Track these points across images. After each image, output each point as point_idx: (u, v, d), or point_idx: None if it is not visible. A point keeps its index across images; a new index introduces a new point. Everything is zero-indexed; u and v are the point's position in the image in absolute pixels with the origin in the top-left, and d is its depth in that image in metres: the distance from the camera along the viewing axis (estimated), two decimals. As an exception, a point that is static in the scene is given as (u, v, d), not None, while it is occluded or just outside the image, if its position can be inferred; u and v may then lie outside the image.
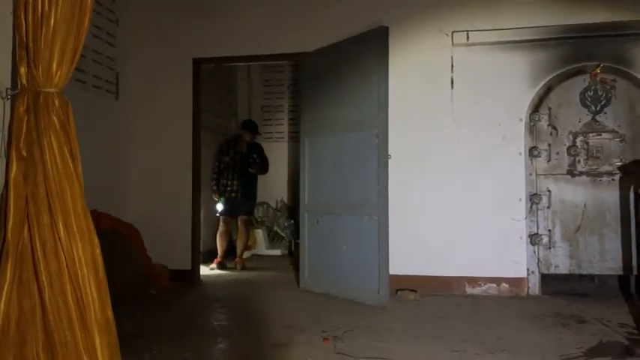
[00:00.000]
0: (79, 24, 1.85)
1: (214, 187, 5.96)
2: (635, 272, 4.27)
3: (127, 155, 5.09)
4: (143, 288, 4.43)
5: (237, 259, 5.91)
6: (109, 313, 1.81)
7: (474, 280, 4.46)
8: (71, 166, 1.75)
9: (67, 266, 1.71)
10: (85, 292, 1.73)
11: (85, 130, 1.96)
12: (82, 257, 1.74)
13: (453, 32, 4.54)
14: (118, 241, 4.35)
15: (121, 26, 4.96)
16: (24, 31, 1.78)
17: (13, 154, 1.73)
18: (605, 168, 4.37)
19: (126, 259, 4.37)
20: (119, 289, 3.48)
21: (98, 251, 1.82)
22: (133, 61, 5.09)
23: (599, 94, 4.35)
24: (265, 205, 7.16)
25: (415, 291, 4.34)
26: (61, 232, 1.70)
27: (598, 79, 4.32)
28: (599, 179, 4.42)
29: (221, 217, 5.96)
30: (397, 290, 4.33)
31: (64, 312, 1.67)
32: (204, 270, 5.47)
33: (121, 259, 4.25)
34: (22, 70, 1.78)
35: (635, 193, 4.16)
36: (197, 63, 5.09)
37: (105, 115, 4.75)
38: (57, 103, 1.77)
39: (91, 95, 4.52)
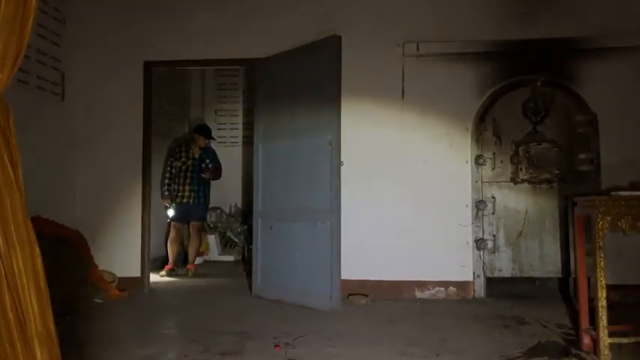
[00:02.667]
0: (22, 27, 1.78)
1: (166, 193, 5.85)
2: (572, 275, 4.51)
3: (74, 159, 4.92)
4: (88, 296, 4.29)
5: (188, 266, 5.83)
6: (51, 324, 1.75)
7: (423, 284, 4.59)
8: (11, 174, 1.68)
9: (5, 277, 1.64)
10: (25, 304, 1.66)
11: (29, 132, 1.91)
12: (22, 268, 1.67)
13: (404, 43, 4.66)
14: (61, 248, 4.19)
15: (67, 25, 4.81)
16: (-38, 32, 1.71)
17: (-52, 160, 1.65)
18: (545, 176, 4.60)
19: (70, 266, 4.22)
20: (62, 298, 3.38)
21: (39, 261, 1.76)
22: (80, 62, 4.93)
23: (539, 105, 4.59)
24: (219, 211, 7.09)
25: (367, 295, 4.42)
26: (0, 243, 1.64)
27: (538, 92, 4.55)
28: (539, 187, 4.65)
29: (172, 223, 5.86)
30: (349, 295, 4.39)
31: (3, 325, 1.60)
32: (155, 277, 5.36)
33: (65, 266, 4.09)
34: (-41, 73, 1.70)
35: (570, 200, 4.40)
36: (148, 66, 5.00)
37: (50, 117, 4.59)
38: (-3, 108, 1.71)
39: (34, 96, 4.35)
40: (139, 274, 4.88)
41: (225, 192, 7.05)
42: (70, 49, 4.82)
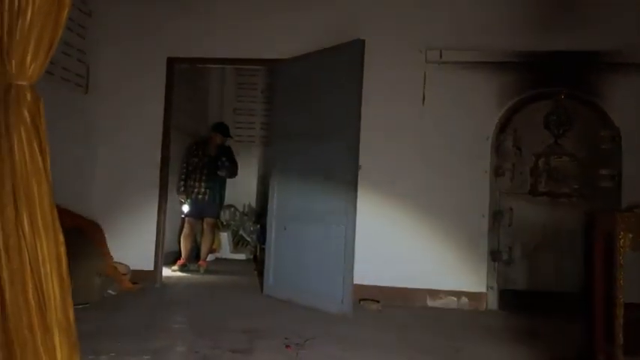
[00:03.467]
0: (57, 18, 1.81)
1: (182, 189, 5.89)
2: (589, 291, 4.43)
3: (94, 150, 4.98)
4: (102, 287, 4.33)
5: (200, 262, 5.85)
6: (71, 312, 1.77)
7: (435, 293, 4.55)
8: (40, 161, 1.71)
9: (30, 263, 1.67)
10: (47, 291, 1.69)
11: (51, 123, 1.92)
12: (47, 254, 1.70)
13: (426, 49, 4.64)
14: (78, 238, 4.23)
15: (93, 18, 4.86)
16: (-1, 21, 1.74)
17: (-21, 146, 1.68)
18: (564, 190, 4.54)
19: (85, 256, 4.25)
20: (77, 288, 3.41)
21: (63, 249, 1.79)
22: (105, 55, 4.99)
23: (562, 118, 4.54)
24: (232, 209, 7.11)
25: (378, 301, 4.40)
26: (26, 228, 1.66)
27: (561, 104, 4.50)
28: (557, 200, 4.59)
29: (186, 219, 5.89)
30: (360, 300, 4.37)
31: (24, 310, 1.63)
32: (167, 271, 5.39)
33: (80, 256, 4.12)
34: (-6, 61, 1.73)
35: (588, 216, 4.34)
36: (171, 62, 5.04)
37: (73, 108, 4.64)
38: (29, 96, 1.74)
39: (59, 87, 4.40)
40: (152, 268, 4.92)
41: (240, 190, 7.06)
42: (95, 43, 4.88)
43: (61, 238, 1.78)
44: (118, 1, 5.03)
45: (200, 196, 5.83)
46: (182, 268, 5.69)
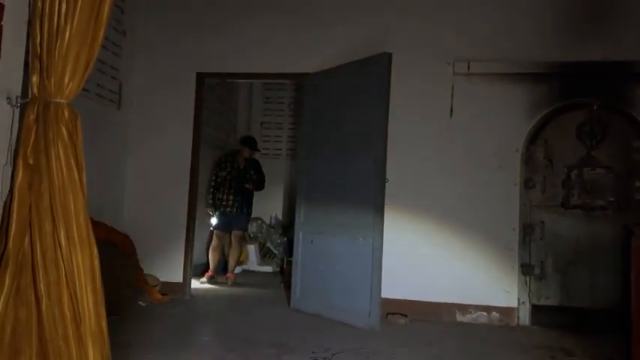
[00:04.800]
0: (94, 38, 1.88)
1: (210, 202, 5.97)
2: (624, 306, 4.29)
3: (126, 165, 5.10)
4: (133, 299, 4.40)
5: (228, 274, 5.89)
6: (104, 323, 1.81)
7: (464, 308, 4.47)
8: (76, 176, 1.77)
9: (65, 275, 1.71)
10: (81, 302, 1.73)
11: (86, 138, 1.98)
12: (82, 267, 1.75)
13: (454, 61, 4.62)
14: (110, 250, 4.32)
15: (127, 37, 5.02)
16: (38, 41, 1.81)
17: (20, 162, 1.75)
18: (599, 202, 4.42)
19: (117, 268, 4.33)
20: (109, 299, 3.48)
21: (97, 262, 1.83)
22: (137, 72, 5.13)
23: (595, 129, 4.43)
24: (259, 221, 7.16)
25: (406, 315, 4.34)
26: (62, 242, 1.71)
27: (594, 115, 4.40)
28: (591, 213, 4.47)
29: (215, 232, 5.95)
30: (388, 314, 4.33)
31: (59, 321, 1.67)
32: (195, 283, 5.45)
33: (113, 268, 4.21)
34: (34, 79, 1.81)
35: (626, 229, 4.20)
36: (200, 77, 5.14)
37: (106, 124, 4.78)
38: (66, 114, 1.80)
39: (93, 104, 4.54)
40: (180, 280, 4.98)
41: (267, 203, 7.11)
42: (128, 60, 5.03)
43: (96, 251, 1.83)
44: (150, 20, 5.18)
45: (228, 209, 5.90)
46: (210, 280, 5.76)
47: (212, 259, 5.88)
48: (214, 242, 5.92)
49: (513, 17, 4.61)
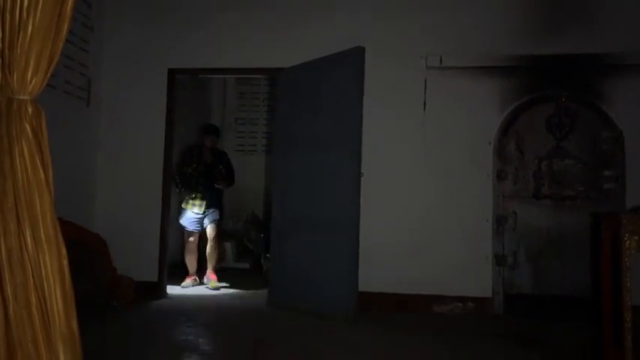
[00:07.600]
0: (57, 32, 1.82)
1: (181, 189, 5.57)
2: (596, 295, 4.40)
3: (96, 163, 4.99)
4: (106, 300, 4.32)
5: (210, 276, 5.54)
6: (75, 325, 1.77)
7: (440, 299, 4.53)
8: (42, 175, 1.72)
9: (33, 277, 1.66)
10: (50, 304, 1.69)
11: (54, 136, 1.93)
12: (50, 268, 1.70)
13: (427, 55, 4.65)
14: (81, 250, 4.22)
15: (95, 32, 4.89)
16: (0, 36, 1.75)
17: (-18, 160, 1.68)
18: (568, 192, 4.52)
19: (89, 269, 4.25)
20: (81, 301, 3.40)
21: (65, 262, 1.79)
22: (106, 68, 5.01)
23: (564, 121, 4.53)
24: (235, 219, 7.10)
25: (383, 308, 4.37)
26: (29, 242, 1.66)
27: (562, 107, 4.50)
28: (561, 203, 4.57)
29: (186, 233, 5.55)
30: (365, 307, 4.34)
31: (28, 325, 1.62)
32: (176, 288, 5.27)
33: (84, 269, 4.12)
34: (-4, 75, 1.74)
35: (595, 218, 4.31)
36: (172, 73, 5.05)
37: (75, 121, 4.66)
38: (30, 110, 1.74)
39: (60, 100, 4.42)
40: (155, 279, 4.91)
41: (243, 199, 7.06)
42: (96, 56, 4.91)
43: (64, 251, 1.78)
44: (119, 15, 5.06)
45: (196, 209, 5.47)
46: (193, 283, 5.50)
47: (190, 263, 5.51)
48: (189, 246, 5.52)
49: (484, 11, 4.66)
